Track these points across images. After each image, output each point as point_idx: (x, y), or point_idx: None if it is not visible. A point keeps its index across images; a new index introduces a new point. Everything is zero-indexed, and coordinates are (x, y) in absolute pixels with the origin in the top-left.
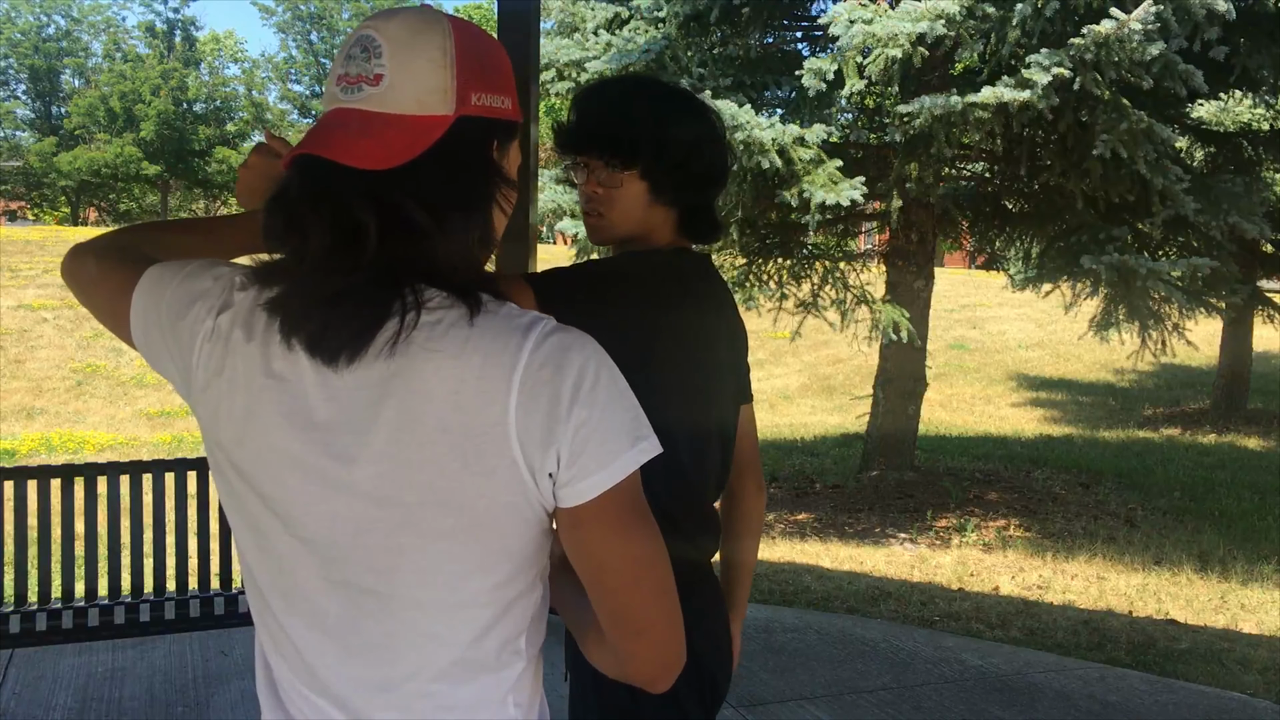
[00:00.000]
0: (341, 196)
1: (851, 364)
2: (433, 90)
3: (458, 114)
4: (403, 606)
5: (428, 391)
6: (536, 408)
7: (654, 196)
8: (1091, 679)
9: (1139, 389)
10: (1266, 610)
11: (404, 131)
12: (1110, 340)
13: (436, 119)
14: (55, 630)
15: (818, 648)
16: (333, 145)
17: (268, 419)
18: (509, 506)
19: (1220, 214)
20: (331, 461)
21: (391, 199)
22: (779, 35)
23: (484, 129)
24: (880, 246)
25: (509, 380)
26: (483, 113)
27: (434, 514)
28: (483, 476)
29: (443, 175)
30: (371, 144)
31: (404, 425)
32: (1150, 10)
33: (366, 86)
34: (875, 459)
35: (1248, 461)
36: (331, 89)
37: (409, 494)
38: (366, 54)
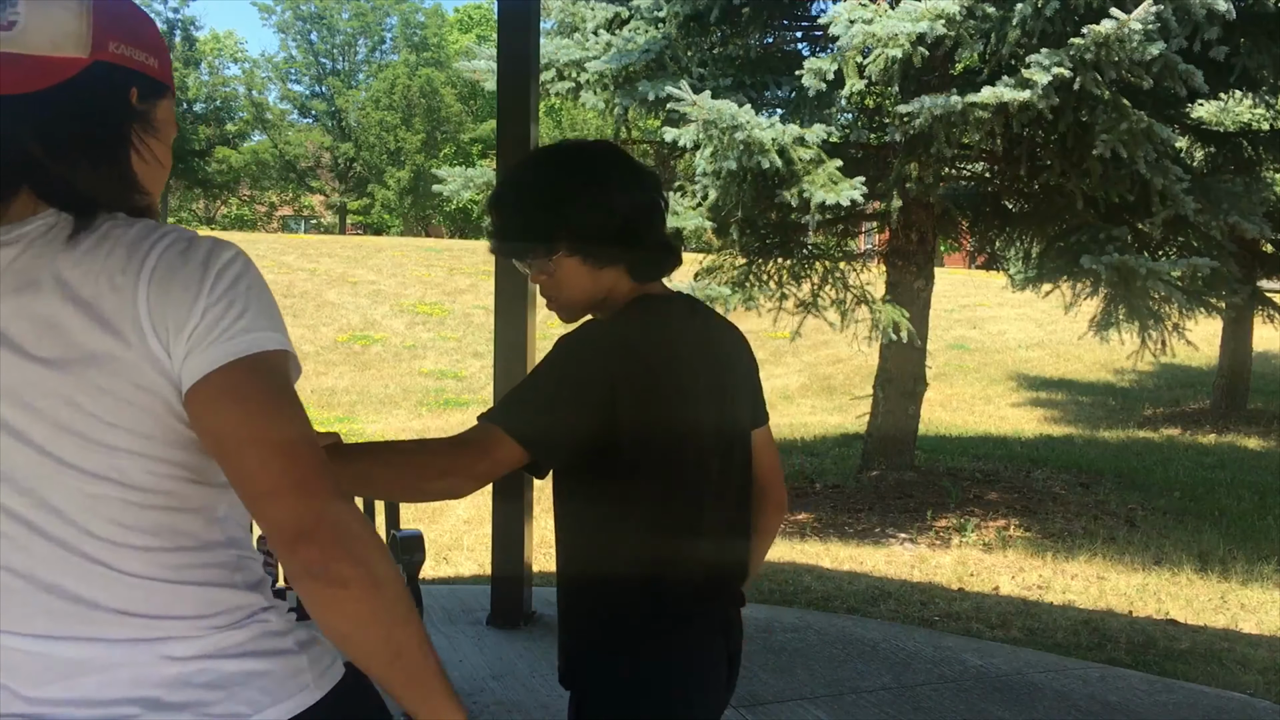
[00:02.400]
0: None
1: (851, 364)
2: (67, 35)
3: (93, 58)
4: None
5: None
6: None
7: (597, 265)
8: (1091, 679)
9: (1139, 389)
10: (1266, 610)
11: (27, 69)
12: (1110, 340)
13: (68, 59)
14: None
15: (818, 648)
16: None
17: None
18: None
19: (1220, 214)
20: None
21: (26, 119)
22: (779, 35)
23: (123, 75)
24: (880, 246)
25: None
26: (122, 61)
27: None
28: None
29: (69, 110)
30: (8, 73)
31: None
32: (1150, 10)
33: (1, 32)
34: (875, 459)
35: (1248, 461)
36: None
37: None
38: (3, 5)
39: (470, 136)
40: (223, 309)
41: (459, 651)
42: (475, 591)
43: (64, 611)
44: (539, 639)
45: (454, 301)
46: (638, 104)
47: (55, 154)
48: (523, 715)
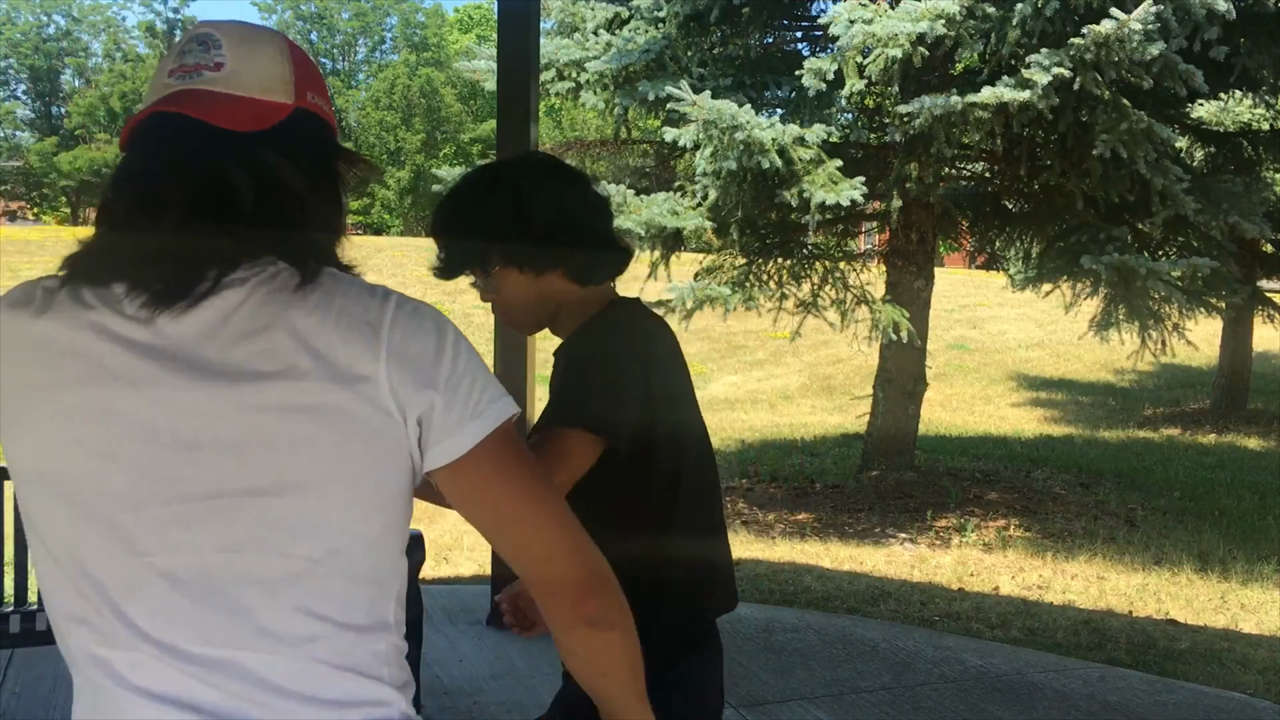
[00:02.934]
0: (208, 155)
1: (851, 364)
2: (274, 78)
3: (296, 104)
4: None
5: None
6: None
7: (534, 272)
8: (1091, 679)
9: (1139, 389)
10: (1266, 610)
11: (250, 108)
12: (1110, 340)
13: (278, 104)
14: None
15: (818, 648)
16: (186, 107)
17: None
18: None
19: (1220, 214)
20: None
21: (263, 158)
22: (779, 35)
23: (322, 123)
24: (880, 246)
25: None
26: (317, 111)
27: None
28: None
29: (288, 151)
30: (228, 111)
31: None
32: (1150, 10)
33: (206, 72)
34: (875, 459)
35: (1248, 461)
36: (163, 81)
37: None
38: (205, 48)
39: (470, 136)
40: (468, 383)
41: (458, 651)
42: (475, 591)
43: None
44: (539, 639)
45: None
46: (638, 104)
47: (308, 190)
48: (522, 715)
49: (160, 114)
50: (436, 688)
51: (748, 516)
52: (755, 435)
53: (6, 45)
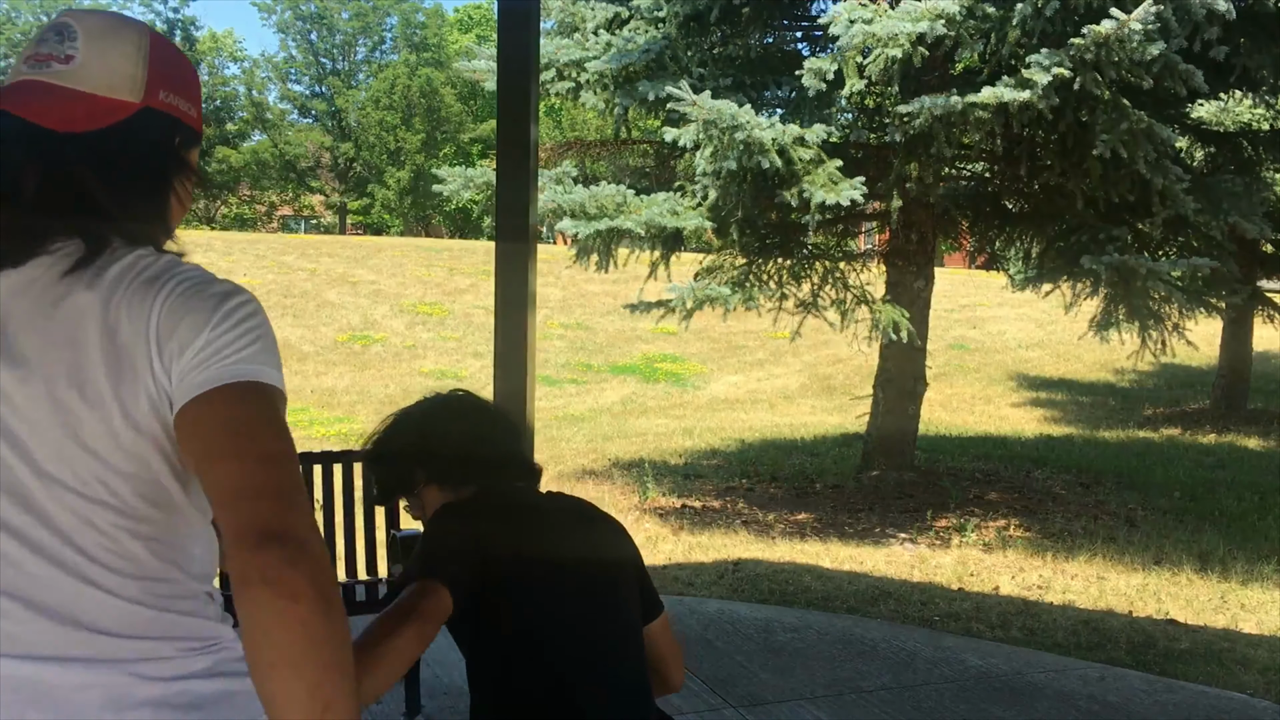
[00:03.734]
0: (11, 154)
1: (851, 364)
2: (122, 76)
3: (144, 104)
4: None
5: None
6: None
7: (443, 482)
8: (1091, 679)
9: (1139, 389)
10: (1266, 610)
11: (86, 105)
12: (1110, 340)
13: (121, 103)
14: None
15: (818, 648)
16: (13, 105)
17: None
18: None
19: (1220, 214)
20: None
21: (64, 164)
22: (779, 35)
23: (169, 124)
24: (880, 246)
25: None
26: (169, 110)
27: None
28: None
29: (119, 152)
30: (54, 109)
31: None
32: (1150, 10)
33: (55, 64)
34: (875, 459)
35: (1248, 461)
36: (19, 66)
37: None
38: (60, 38)
39: (470, 136)
40: (229, 339)
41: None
42: None
43: (50, 632)
44: None
45: (454, 301)
46: (638, 104)
47: (104, 193)
48: None
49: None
50: (436, 688)
51: (748, 516)
52: (755, 435)
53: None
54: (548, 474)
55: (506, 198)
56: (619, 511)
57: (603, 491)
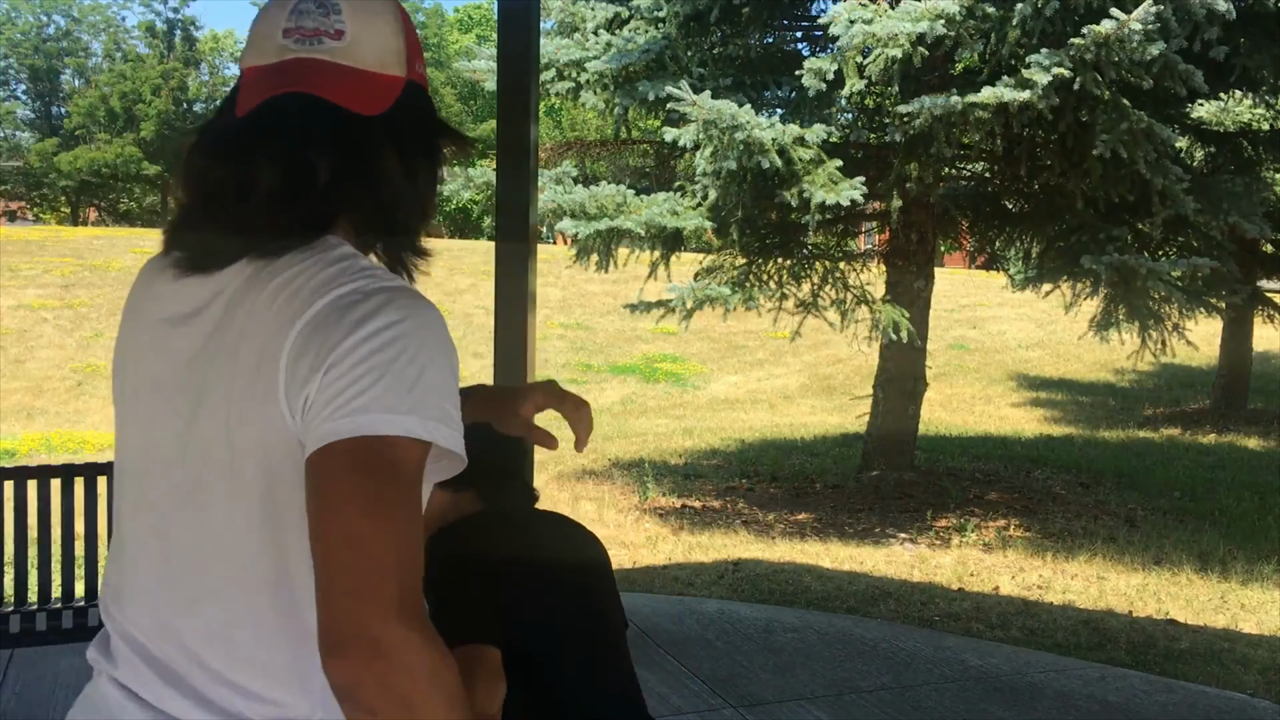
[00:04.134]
0: (311, 135)
1: (851, 364)
2: (390, 51)
3: (408, 77)
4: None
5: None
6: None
7: (452, 487)
8: (1091, 679)
9: (1139, 389)
10: (1266, 610)
11: (373, 85)
12: (1110, 340)
13: (393, 79)
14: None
15: (818, 648)
16: (311, 85)
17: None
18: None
19: (1220, 214)
20: None
21: (375, 149)
22: (779, 35)
23: (427, 96)
24: (880, 246)
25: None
26: (420, 80)
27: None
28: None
29: (410, 133)
30: (350, 90)
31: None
32: (1150, 10)
33: (328, 40)
34: (875, 459)
35: (1248, 461)
36: (278, 41)
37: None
38: (324, 9)
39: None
40: (347, 381)
41: None
42: None
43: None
44: None
45: (454, 301)
46: (638, 104)
47: (403, 177)
48: None
49: (285, 95)
50: None
51: (748, 516)
52: (755, 435)
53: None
54: (548, 473)
55: (506, 198)
56: (619, 511)
57: (603, 492)
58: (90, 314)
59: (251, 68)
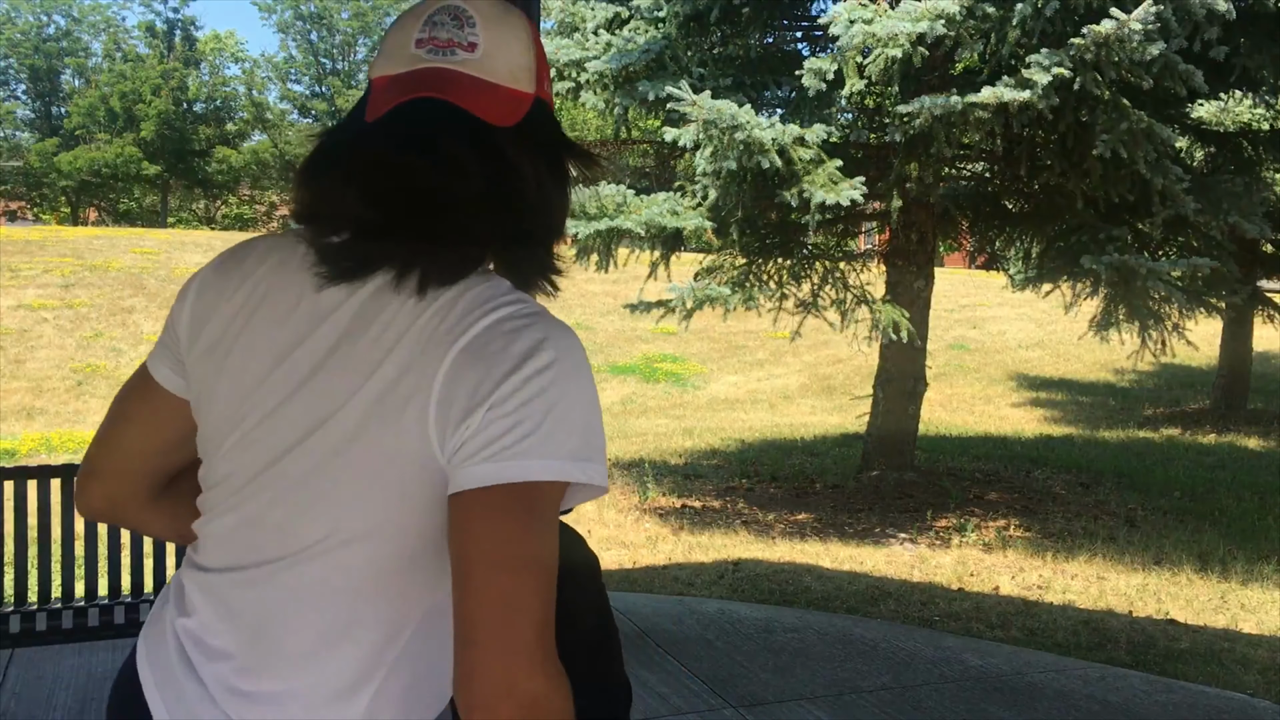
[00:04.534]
0: (458, 143)
1: (851, 364)
2: (522, 67)
3: (536, 94)
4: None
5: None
6: (463, 378)
7: None
8: (1091, 679)
9: (1139, 389)
10: (1266, 610)
11: (504, 99)
12: (1110, 340)
13: (524, 94)
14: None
15: (818, 648)
16: (446, 92)
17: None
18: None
19: (1220, 214)
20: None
21: (507, 160)
22: (779, 35)
23: (552, 115)
24: (880, 246)
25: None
26: (548, 98)
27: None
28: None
29: (538, 149)
30: (484, 101)
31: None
32: (1150, 10)
33: (461, 52)
34: (875, 459)
35: (1248, 461)
36: (410, 51)
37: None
38: (458, 22)
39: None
40: (509, 423)
41: None
42: None
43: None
44: None
45: None
46: (638, 104)
47: (534, 190)
48: None
49: (421, 99)
50: None
51: (748, 516)
52: (755, 435)
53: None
54: None
55: None
56: (619, 511)
57: None
58: (90, 314)
59: (382, 77)
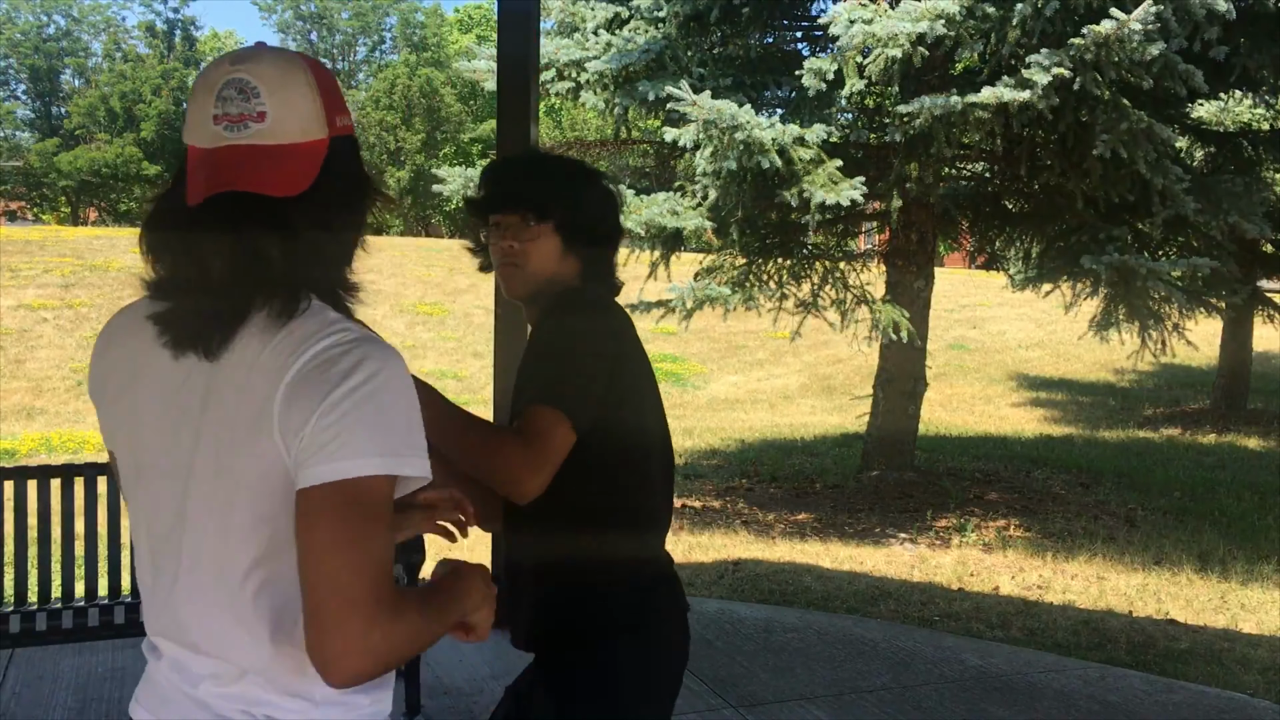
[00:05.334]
0: (252, 227)
1: (851, 364)
2: (311, 118)
3: (330, 136)
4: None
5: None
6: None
7: (566, 248)
8: (1091, 679)
9: (1139, 389)
10: (1266, 610)
11: (300, 159)
12: (1110, 340)
13: (318, 143)
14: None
15: (818, 648)
16: (242, 179)
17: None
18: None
19: (1220, 214)
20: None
21: (298, 225)
22: (779, 35)
23: (351, 145)
24: (880, 246)
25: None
26: (343, 132)
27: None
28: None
29: (336, 193)
30: (279, 175)
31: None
32: (1150, 10)
33: (253, 124)
34: (875, 459)
35: (1248, 461)
36: (209, 129)
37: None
38: (245, 95)
39: (470, 136)
40: (333, 432)
41: (459, 651)
42: None
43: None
44: None
45: (454, 301)
46: (638, 104)
47: (331, 243)
48: None
49: (223, 196)
50: (437, 688)
51: (748, 516)
52: (755, 435)
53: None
54: None
55: None
56: None
57: None
58: (90, 314)
59: (194, 149)
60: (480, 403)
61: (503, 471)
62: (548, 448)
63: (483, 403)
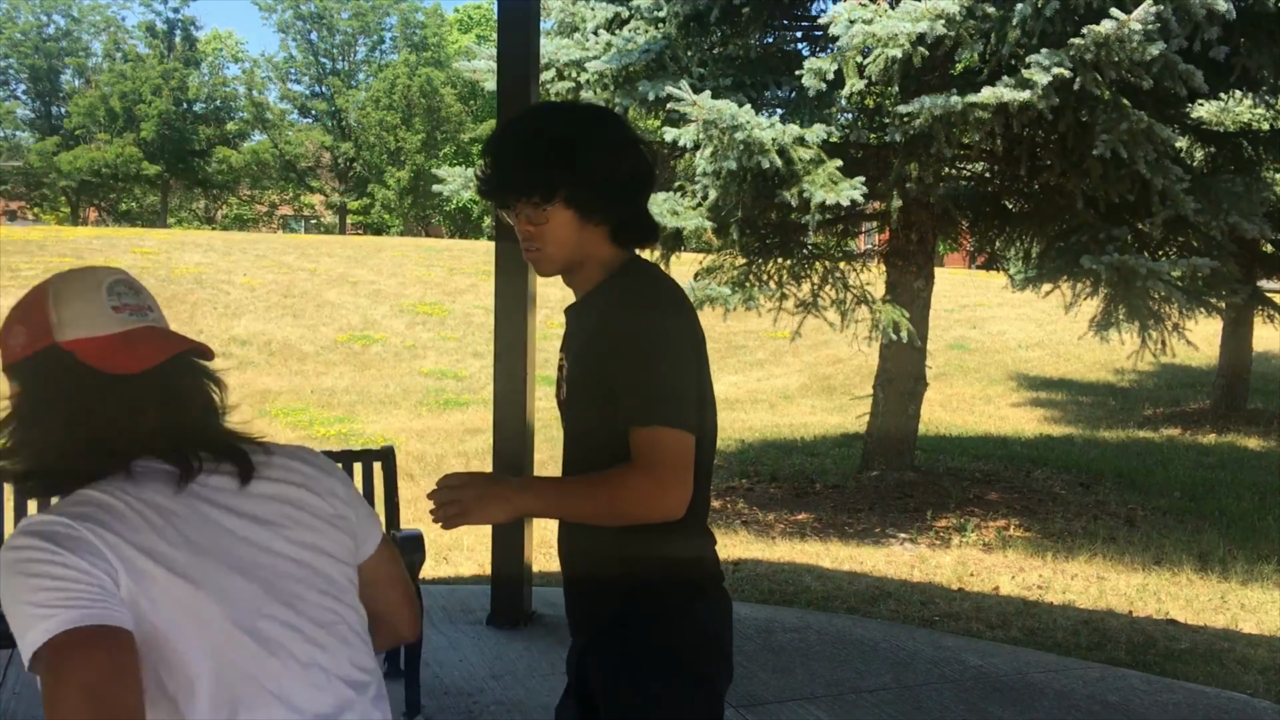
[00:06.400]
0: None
1: (851, 364)
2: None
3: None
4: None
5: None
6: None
7: (584, 218)
8: (1091, 679)
9: (1139, 389)
10: (1266, 610)
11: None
12: (1110, 340)
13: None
14: None
15: (818, 648)
16: (176, 343)
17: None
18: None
19: (1220, 214)
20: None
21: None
22: (779, 35)
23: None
24: (880, 246)
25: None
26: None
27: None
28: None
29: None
30: (188, 344)
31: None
32: (1150, 10)
33: (150, 312)
34: (875, 459)
35: (1248, 461)
36: (123, 317)
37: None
38: (134, 290)
39: (470, 136)
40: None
41: (459, 651)
42: (475, 591)
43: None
44: (539, 639)
45: (454, 301)
46: (638, 104)
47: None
48: (523, 715)
49: (179, 356)
50: (436, 688)
51: (748, 516)
52: (755, 435)
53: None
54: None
55: None
56: None
57: None
58: None
59: (106, 335)
60: (480, 403)
61: (645, 504)
62: (678, 462)
63: (483, 403)
